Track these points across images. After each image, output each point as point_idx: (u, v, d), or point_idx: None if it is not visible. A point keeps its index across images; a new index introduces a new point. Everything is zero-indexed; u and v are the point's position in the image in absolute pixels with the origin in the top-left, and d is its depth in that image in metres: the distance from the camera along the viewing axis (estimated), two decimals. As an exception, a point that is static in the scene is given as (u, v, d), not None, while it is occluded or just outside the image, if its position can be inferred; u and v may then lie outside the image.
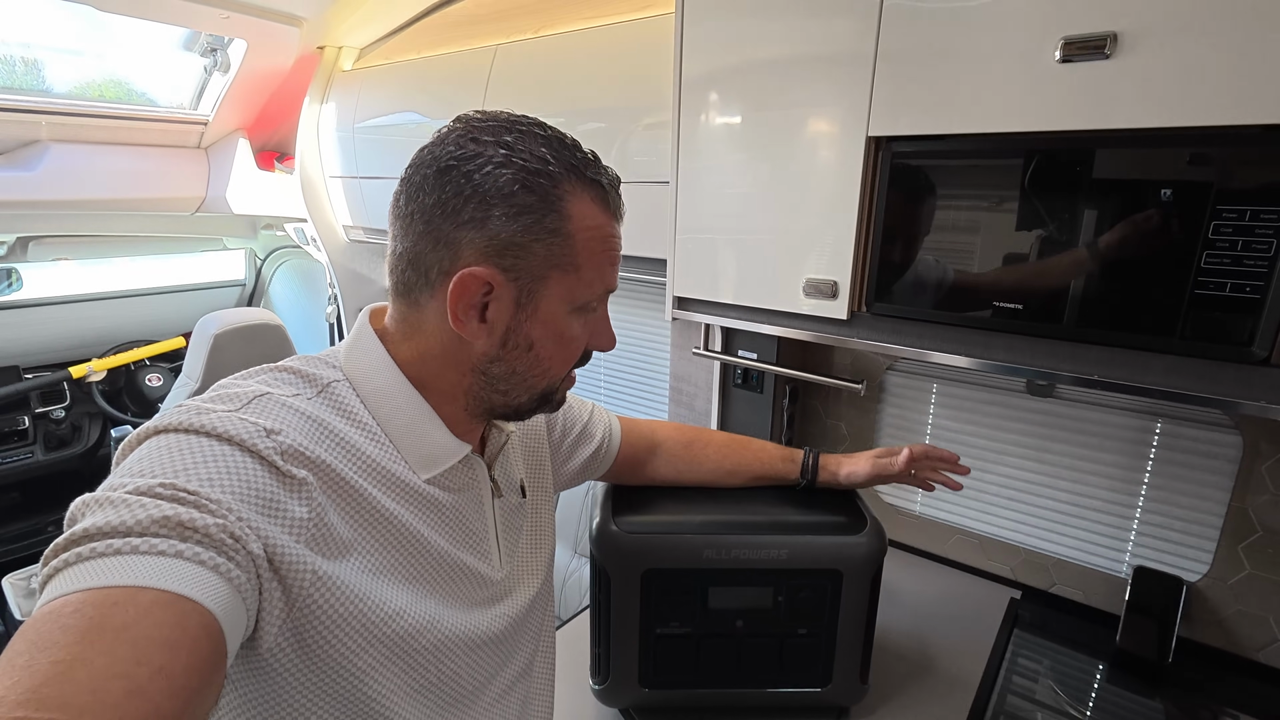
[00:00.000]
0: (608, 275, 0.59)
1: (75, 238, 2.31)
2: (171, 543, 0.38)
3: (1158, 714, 0.98)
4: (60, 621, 0.33)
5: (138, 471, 0.42)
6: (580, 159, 0.55)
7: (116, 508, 0.39)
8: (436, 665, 0.56)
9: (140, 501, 0.39)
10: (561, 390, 0.63)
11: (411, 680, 0.54)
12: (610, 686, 0.89)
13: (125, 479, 0.41)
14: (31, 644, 0.33)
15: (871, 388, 1.34)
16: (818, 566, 0.83)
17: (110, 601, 0.35)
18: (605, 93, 1.30)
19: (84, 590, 0.35)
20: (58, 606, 0.34)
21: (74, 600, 0.34)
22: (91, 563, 0.36)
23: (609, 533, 0.83)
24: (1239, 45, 0.62)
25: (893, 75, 0.83)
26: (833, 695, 0.90)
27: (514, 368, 0.57)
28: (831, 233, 0.92)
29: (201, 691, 0.36)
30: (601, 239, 0.57)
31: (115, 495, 0.39)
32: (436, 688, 0.57)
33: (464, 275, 0.52)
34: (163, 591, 0.36)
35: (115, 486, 0.40)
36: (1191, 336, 0.69)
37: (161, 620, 0.35)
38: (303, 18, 1.77)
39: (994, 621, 1.14)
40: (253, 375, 0.54)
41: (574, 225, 0.54)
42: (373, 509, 0.52)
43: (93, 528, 0.37)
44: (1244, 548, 1.02)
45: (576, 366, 0.63)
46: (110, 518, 0.38)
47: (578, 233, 0.55)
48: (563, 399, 0.64)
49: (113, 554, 0.37)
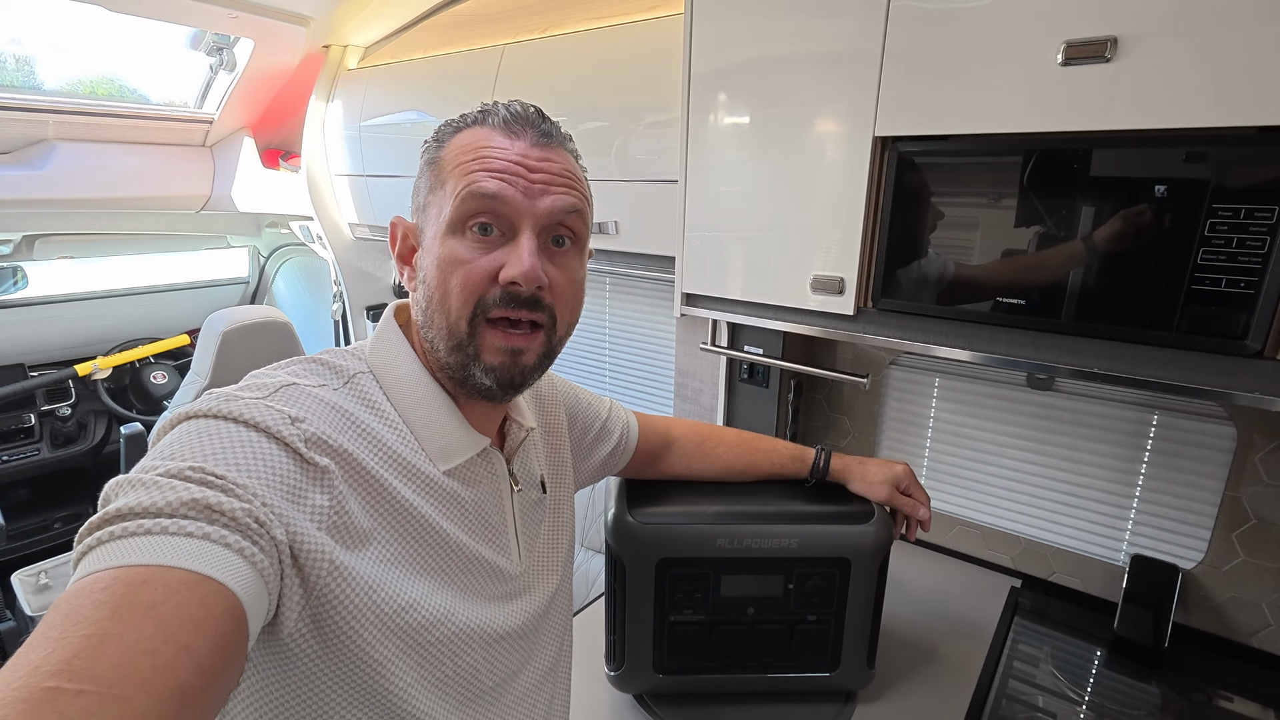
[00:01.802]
0: (474, 179, 0.53)
1: (80, 236, 2.32)
2: (199, 525, 0.39)
3: (1154, 698, 1.00)
4: (92, 597, 0.34)
5: (169, 455, 0.43)
6: (489, 107, 0.58)
7: (148, 489, 0.40)
8: (453, 658, 0.56)
9: (170, 484, 0.40)
10: (478, 344, 0.55)
11: (428, 673, 0.54)
12: (625, 673, 0.92)
13: (157, 461, 0.42)
14: (65, 617, 0.34)
15: (875, 382, 1.37)
16: (827, 555, 0.86)
17: (140, 580, 0.36)
18: (612, 92, 1.32)
19: (115, 568, 0.36)
20: (90, 583, 0.35)
21: (105, 577, 0.36)
22: (123, 541, 0.37)
23: (625, 524, 0.85)
24: (1235, 49, 0.65)
25: (899, 76, 0.85)
26: (841, 680, 0.92)
27: (422, 308, 0.57)
28: (838, 230, 0.94)
29: (225, 670, 0.37)
30: (472, 149, 0.55)
31: (147, 477, 0.41)
32: (455, 682, 0.57)
33: (391, 223, 0.61)
34: (190, 572, 0.37)
35: (147, 469, 0.42)
36: (1188, 330, 0.72)
37: (188, 599, 0.36)
38: (310, 17, 1.78)
39: (995, 609, 1.17)
40: (283, 366, 0.56)
41: (447, 150, 0.57)
42: (392, 499, 0.53)
43: (124, 508, 0.39)
44: (1238, 536, 1.05)
45: (501, 307, 0.54)
46: (141, 498, 0.39)
47: (448, 154, 0.56)
48: (496, 362, 0.55)
49: (143, 534, 0.38)
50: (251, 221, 2.75)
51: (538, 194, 0.55)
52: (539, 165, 0.55)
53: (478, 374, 0.56)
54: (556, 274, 0.57)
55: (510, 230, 0.55)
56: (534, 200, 0.55)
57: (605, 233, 1.36)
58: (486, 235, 0.55)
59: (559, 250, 0.58)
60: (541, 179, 0.55)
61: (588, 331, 1.92)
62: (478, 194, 0.53)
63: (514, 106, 0.57)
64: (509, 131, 0.56)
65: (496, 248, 0.55)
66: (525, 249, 0.54)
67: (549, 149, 0.57)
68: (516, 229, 0.55)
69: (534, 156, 0.55)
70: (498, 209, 0.54)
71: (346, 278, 2.24)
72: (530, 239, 0.55)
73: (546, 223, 0.56)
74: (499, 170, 0.54)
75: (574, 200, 0.57)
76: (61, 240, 2.31)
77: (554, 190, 0.56)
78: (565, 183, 0.57)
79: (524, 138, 0.56)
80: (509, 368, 0.56)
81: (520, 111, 0.57)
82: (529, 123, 0.56)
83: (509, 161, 0.54)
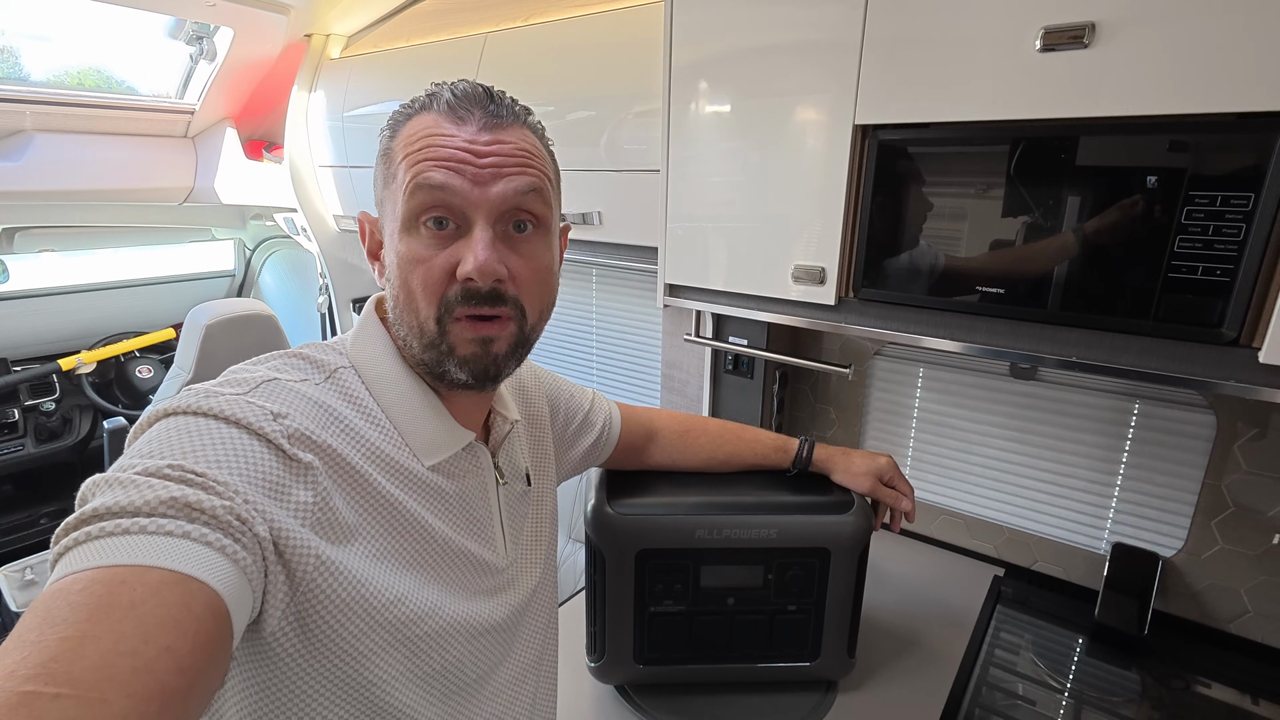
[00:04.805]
0: (420, 169, 0.51)
1: (62, 228, 2.29)
2: (179, 523, 0.38)
3: (1134, 684, 1.01)
4: (69, 599, 0.34)
5: (147, 453, 0.42)
6: (435, 89, 0.55)
7: (125, 488, 0.39)
8: (439, 653, 0.55)
9: (149, 482, 0.39)
10: (450, 341, 0.54)
11: (412, 667, 0.54)
12: (606, 664, 0.92)
13: (135, 460, 0.41)
14: (41, 620, 0.33)
15: (859, 373, 1.37)
16: (806, 545, 0.86)
17: (118, 580, 0.35)
18: (595, 82, 1.31)
19: (93, 568, 0.35)
20: (67, 584, 0.35)
21: (83, 578, 0.35)
22: (100, 542, 0.36)
23: (604, 515, 0.85)
24: (1213, 35, 0.64)
25: (879, 63, 0.84)
26: (821, 669, 0.92)
27: (391, 305, 0.56)
28: (819, 219, 0.93)
29: (207, 671, 0.36)
30: (420, 137, 0.52)
31: (124, 476, 0.40)
32: (439, 675, 0.56)
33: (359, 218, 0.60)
34: (170, 571, 0.36)
35: (125, 467, 0.41)
36: (1165, 319, 0.72)
37: (168, 599, 0.35)
38: (290, 5, 1.75)
39: (978, 598, 1.17)
40: (263, 361, 0.54)
41: (397, 140, 0.55)
42: (377, 494, 0.52)
43: (102, 507, 0.38)
44: (1217, 523, 1.06)
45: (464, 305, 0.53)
46: (119, 498, 0.38)
47: (398, 145, 0.54)
48: (468, 353, 0.55)
49: (121, 533, 0.37)
50: (236, 214, 2.72)
51: (489, 180, 0.52)
52: (488, 150, 0.53)
53: (452, 368, 0.55)
54: (518, 262, 0.55)
55: (464, 222, 0.53)
56: (484, 188, 0.52)
57: (589, 223, 1.35)
58: (442, 229, 0.53)
59: (520, 236, 0.56)
60: (491, 164, 0.53)
61: (574, 323, 1.91)
62: (425, 186, 0.51)
63: (460, 86, 0.54)
64: (455, 116, 0.53)
65: (453, 241, 0.53)
66: (479, 242, 0.52)
67: (499, 129, 0.54)
68: (470, 220, 0.53)
69: (482, 141, 0.53)
70: (448, 200, 0.52)
71: (332, 270, 2.22)
72: (484, 230, 0.53)
73: (501, 209, 0.53)
74: (445, 159, 0.51)
75: (529, 179, 0.54)
76: (43, 233, 2.28)
77: (506, 173, 0.53)
78: (519, 163, 0.54)
79: (471, 121, 0.53)
80: (481, 358, 0.55)
81: (466, 91, 0.54)
82: (476, 102, 0.54)
83: (455, 149, 0.52)
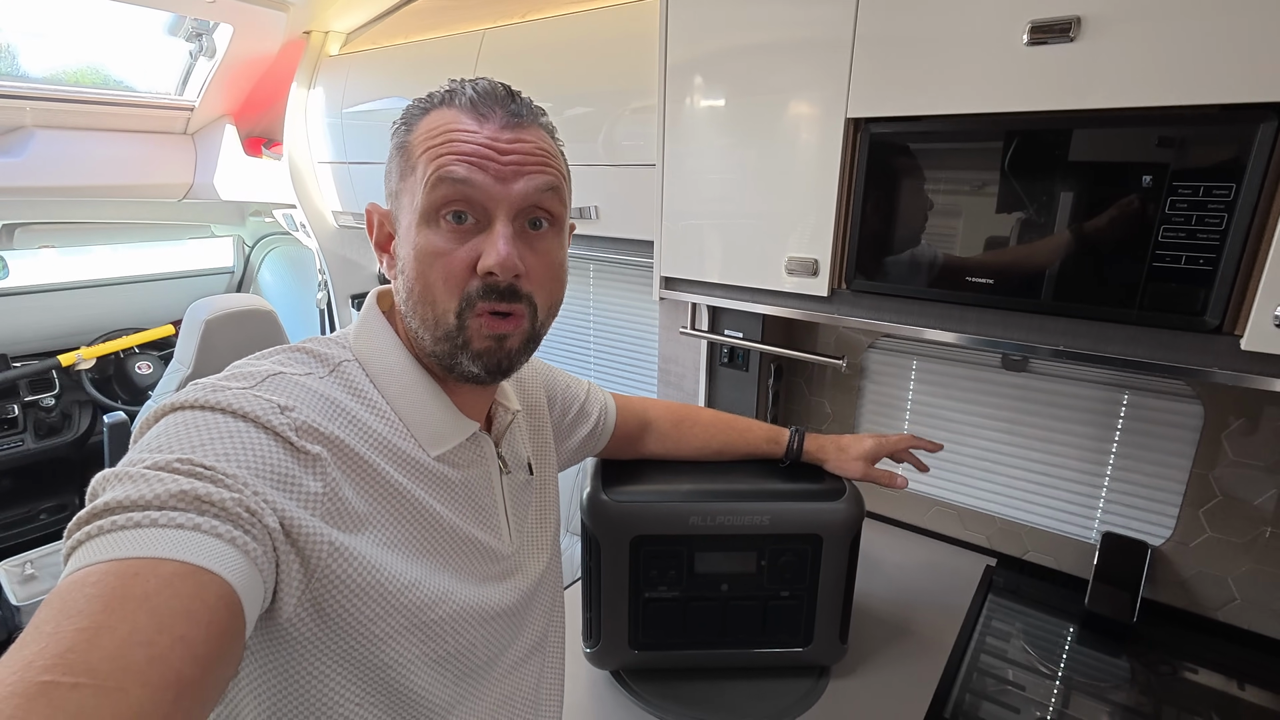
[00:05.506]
0: (444, 164, 0.52)
1: (62, 224, 2.30)
2: (190, 516, 0.39)
3: (1123, 671, 1.03)
4: (84, 591, 0.34)
5: (155, 447, 0.42)
6: (455, 86, 0.56)
7: (135, 482, 0.39)
8: (454, 636, 0.56)
9: (159, 476, 0.40)
10: (467, 334, 0.55)
11: (427, 650, 0.55)
12: (601, 649, 0.93)
13: (144, 454, 0.42)
14: (58, 612, 0.34)
15: (853, 366, 1.38)
16: (799, 532, 0.87)
17: (132, 572, 0.35)
18: (592, 78, 1.32)
19: (106, 561, 0.36)
20: (82, 577, 0.35)
21: (96, 571, 0.35)
22: (113, 535, 0.37)
23: (599, 502, 0.86)
24: (1197, 27, 0.66)
25: (870, 58, 0.85)
26: (813, 655, 0.94)
27: (404, 298, 0.56)
28: (813, 212, 0.95)
29: (221, 660, 0.37)
30: (441, 132, 0.53)
31: (134, 470, 0.40)
32: (453, 658, 0.57)
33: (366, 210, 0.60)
34: (182, 563, 0.37)
35: (134, 462, 0.41)
36: (1150, 307, 0.73)
37: (181, 591, 0.36)
38: (289, 2, 1.76)
39: (970, 587, 1.19)
40: (268, 355, 0.55)
41: (415, 133, 0.56)
42: (386, 484, 0.53)
43: (113, 501, 0.38)
44: (1204, 512, 1.07)
45: (484, 300, 0.54)
46: (130, 492, 0.39)
47: (416, 138, 0.55)
48: (483, 348, 0.55)
49: (133, 527, 0.38)
50: (235, 210, 2.73)
51: (510, 177, 0.54)
52: (510, 147, 0.54)
53: (465, 362, 0.56)
54: (534, 259, 0.56)
55: (484, 217, 0.54)
56: (507, 185, 0.54)
57: (586, 218, 1.36)
58: (461, 223, 0.54)
59: (536, 234, 0.57)
60: (514, 161, 0.54)
61: (572, 317, 1.92)
62: (447, 179, 0.52)
63: (481, 84, 0.55)
64: (477, 113, 0.54)
65: (472, 236, 0.54)
66: (500, 236, 0.53)
67: (520, 128, 0.55)
68: (491, 216, 0.54)
69: (504, 139, 0.54)
70: (470, 195, 0.53)
71: (331, 266, 2.23)
72: (505, 226, 0.54)
73: (521, 206, 0.55)
74: (468, 154, 0.53)
75: (549, 179, 0.56)
76: (43, 229, 2.29)
77: (527, 171, 0.55)
78: (539, 162, 0.55)
79: (493, 119, 0.54)
80: (495, 352, 0.56)
81: (488, 89, 0.55)
82: (497, 101, 0.55)
83: (478, 145, 0.53)
